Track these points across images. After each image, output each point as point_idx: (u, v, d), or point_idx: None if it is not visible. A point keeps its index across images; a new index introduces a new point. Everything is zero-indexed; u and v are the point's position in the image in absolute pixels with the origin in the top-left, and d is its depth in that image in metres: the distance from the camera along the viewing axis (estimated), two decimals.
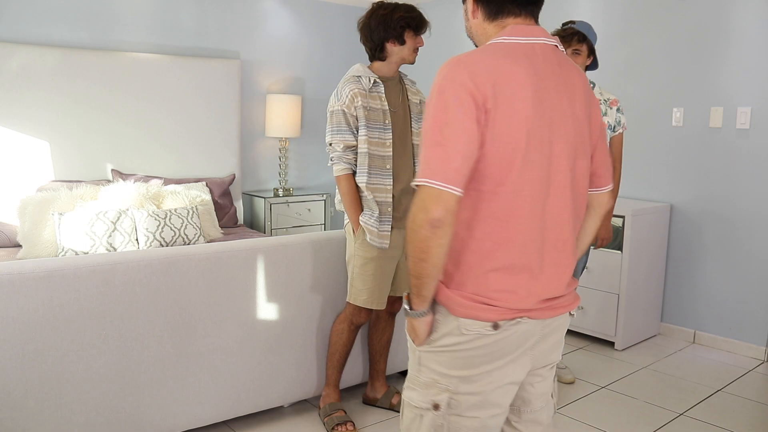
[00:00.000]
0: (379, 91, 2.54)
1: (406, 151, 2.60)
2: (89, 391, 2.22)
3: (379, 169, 2.52)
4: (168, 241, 3.54)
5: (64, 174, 3.94)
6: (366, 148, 2.49)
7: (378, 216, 2.51)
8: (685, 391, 3.19)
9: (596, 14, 4.18)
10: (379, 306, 2.59)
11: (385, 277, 2.58)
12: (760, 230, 3.57)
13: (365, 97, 2.50)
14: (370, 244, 2.52)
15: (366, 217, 2.52)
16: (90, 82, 4.00)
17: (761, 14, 3.50)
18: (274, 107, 4.82)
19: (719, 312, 3.76)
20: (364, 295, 2.57)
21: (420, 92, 2.74)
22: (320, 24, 5.18)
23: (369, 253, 2.54)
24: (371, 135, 2.50)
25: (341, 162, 2.53)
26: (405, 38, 2.52)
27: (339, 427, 2.62)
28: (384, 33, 2.50)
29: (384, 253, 2.55)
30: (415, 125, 2.65)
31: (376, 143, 2.51)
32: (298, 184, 5.24)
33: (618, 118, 3.03)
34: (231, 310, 2.51)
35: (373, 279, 2.55)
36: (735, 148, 3.63)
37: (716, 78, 3.68)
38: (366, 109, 2.49)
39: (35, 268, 2.10)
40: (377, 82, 2.54)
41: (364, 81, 2.52)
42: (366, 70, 2.56)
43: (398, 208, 2.57)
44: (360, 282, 2.57)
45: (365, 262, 2.55)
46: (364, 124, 2.49)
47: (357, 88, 2.50)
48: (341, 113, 2.50)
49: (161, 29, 4.38)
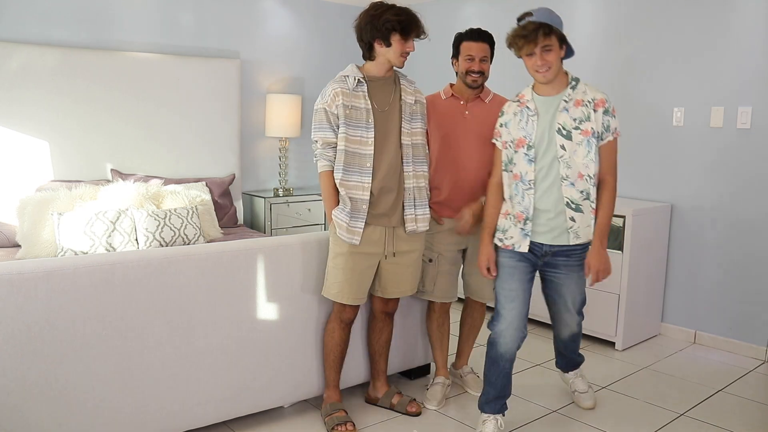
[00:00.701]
0: (362, 90, 2.56)
1: (390, 150, 2.59)
2: (89, 391, 2.21)
3: (357, 166, 2.55)
4: (168, 241, 3.54)
5: (64, 174, 3.94)
6: (344, 146, 2.54)
7: (349, 211, 2.54)
8: (686, 391, 3.18)
9: (596, 14, 4.18)
10: (351, 301, 2.61)
11: (357, 273, 2.59)
12: (760, 230, 3.56)
13: (348, 96, 2.54)
14: (340, 239, 2.55)
15: (338, 211, 2.57)
16: (90, 82, 3.99)
17: (761, 14, 3.49)
18: (274, 107, 4.81)
19: (720, 312, 3.75)
20: (334, 289, 2.60)
21: (418, 92, 2.72)
22: (320, 24, 5.18)
23: (339, 248, 2.58)
24: (352, 133, 2.54)
25: (322, 159, 2.60)
26: (391, 41, 2.51)
27: (339, 427, 2.62)
28: (371, 33, 2.52)
29: (357, 249, 2.56)
30: (406, 125, 2.63)
31: (356, 141, 2.54)
32: (298, 184, 5.24)
33: (606, 123, 2.45)
34: (231, 310, 2.50)
35: (343, 273, 2.57)
36: (736, 148, 3.63)
37: (717, 78, 3.68)
38: (347, 108, 2.53)
39: (35, 268, 2.09)
40: (361, 81, 2.56)
41: (350, 80, 2.56)
42: (354, 70, 2.59)
43: (377, 206, 2.58)
44: (331, 275, 2.61)
45: (335, 255, 2.60)
46: (344, 122, 2.53)
47: (340, 87, 2.54)
48: (323, 111, 2.56)
49: (161, 29, 4.38)
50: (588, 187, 2.48)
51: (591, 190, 2.49)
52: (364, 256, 2.59)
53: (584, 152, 2.44)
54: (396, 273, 2.68)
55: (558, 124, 2.45)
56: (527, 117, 2.50)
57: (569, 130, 2.45)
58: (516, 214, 2.54)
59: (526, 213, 2.50)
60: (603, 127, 2.47)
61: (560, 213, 2.49)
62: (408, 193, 2.63)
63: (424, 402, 2.93)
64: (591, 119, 2.45)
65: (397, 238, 2.65)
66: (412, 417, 2.81)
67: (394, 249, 2.64)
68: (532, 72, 2.44)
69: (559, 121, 2.45)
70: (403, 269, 2.69)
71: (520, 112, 2.53)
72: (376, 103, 2.59)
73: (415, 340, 3.13)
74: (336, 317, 2.68)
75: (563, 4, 4.29)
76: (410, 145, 2.64)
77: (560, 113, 2.46)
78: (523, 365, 3.43)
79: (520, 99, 2.56)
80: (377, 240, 2.60)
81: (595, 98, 2.47)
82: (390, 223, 2.62)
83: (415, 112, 2.68)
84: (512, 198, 2.56)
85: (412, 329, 3.11)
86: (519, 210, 2.53)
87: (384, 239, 2.62)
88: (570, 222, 2.49)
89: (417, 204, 2.66)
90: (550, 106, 2.48)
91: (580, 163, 2.45)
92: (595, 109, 2.46)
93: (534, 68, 2.41)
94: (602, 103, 2.47)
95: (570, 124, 2.45)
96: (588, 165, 2.46)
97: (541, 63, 2.38)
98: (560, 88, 2.48)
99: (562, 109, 2.46)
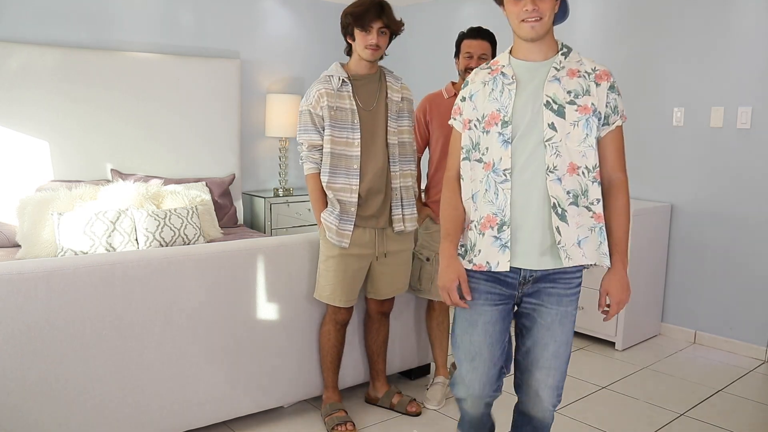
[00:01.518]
0: (347, 90, 2.55)
1: (377, 150, 2.57)
2: (89, 391, 2.21)
3: (344, 168, 2.53)
4: (168, 241, 3.54)
5: (64, 174, 3.94)
6: (329, 148, 2.52)
7: (338, 214, 2.52)
8: (686, 391, 3.18)
9: (596, 14, 4.18)
10: (343, 303, 2.60)
11: (349, 275, 2.58)
12: (761, 230, 3.56)
13: (332, 97, 2.52)
14: (330, 242, 2.54)
15: (326, 214, 2.55)
16: (90, 82, 3.99)
17: (761, 14, 3.49)
18: (274, 107, 4.81)
19: (720, 312, 3.75)
20: (326, 291, 2.60)
21: (405, 88, 2.68)
22: (320, 24, 5.18)
23: (330, 251, 2.57)
24: (338, 135, 2.52)
25: (308, 161, 2.58)
26: (354, 35, 2.52)
27: (338, 427, 2.62)
28: (342, 29, 2.56)
29: (347, 251, 2.55)
30: (392, 124, 2.60)
31: (343, 143, 2.52)
32: (298, 184, 5.24)
33: (613, 102, 1.85)
34: (231, 310, 2.50)
35: (335, 276, 2.56)
36: (736, 148, 3.63)
37: (717, 78, 3.68)
38: (332, 109, 2.51)
39: (34, 268, 2.09)
40: (345, 81, 2.55)
41: (334, 81, 2.54)
42: (338, 69, 2.57)
43: (365, 208, 2.56)
44: (323, 278, 2.60)
45: (326, 258, 2.58)
46: (329, 123, 2.51)
47: (324, 88, 2.53)
48: (308, 113, 2.55)
49: (161, 29, 4.38)
50: (582, 185, 1.82)
51: (590, 189, 1.82)
52: (355, 258, 2.58)
53: (581, 135, 1.79)
54: (388, 273, 2.67)
55: (547, 96, 1.80)
56: (502, 85, 1.84)
57: (561, 104, 1.79)
58: (485, 219, 1.83)
59: (501, 216, 1.80)
60: (609, 108, 1.84)
61: (544, 221, 1.81)
62: (395, 193, 2.61)
63: (424, 402, 2.93)
64: (592, 93, 1.82)
65: (387, 239, 2.63)
66: (412, 417, 2.81)
67: (385, 249, 2.63)
68: (516, 22, 1.80)
69: (548, 92, 1.80)
70: (395, 269, 2.69)
71: (492, 81, 1.86)
72: (361, 102, 2.56)
73: (414, 339, 3.13)
74: (331, 319, 2.68)
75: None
76: (396, 144, 2.60)
77: (550, 83, 1.81)
78: None
79: (492, 65, 1.91)
80: (367, 242, 2.59)
81: (596, 69, 1.85)
82: (378, 225, 2.60)
83: (402, 110, 2.65)
84: (476, 198, 1.86)
85: (412, 329, 3.11)
86: (490, 212, 1.82)
87: (374, 241, 2.60)
88: (556, 235, 1.79)
89: (404, 204, 2.63)
90: (535, 73, 1.84)
91: (575, 150, 1.80)
92: (598, 83, 1.83)
93: (520, 16, 1.78)
94: (606, 76, 1.84)
95: (563, 97, 1.80)
96: (586, 154, 1.81)
97: (532, 8, 1.75)
98: (548, 53, 1.85)
99: (552, 78, 1.81)
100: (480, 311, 1.88)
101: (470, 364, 1.89)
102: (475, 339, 1.88)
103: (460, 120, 1.95)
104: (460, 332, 1.92)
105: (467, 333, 1.89)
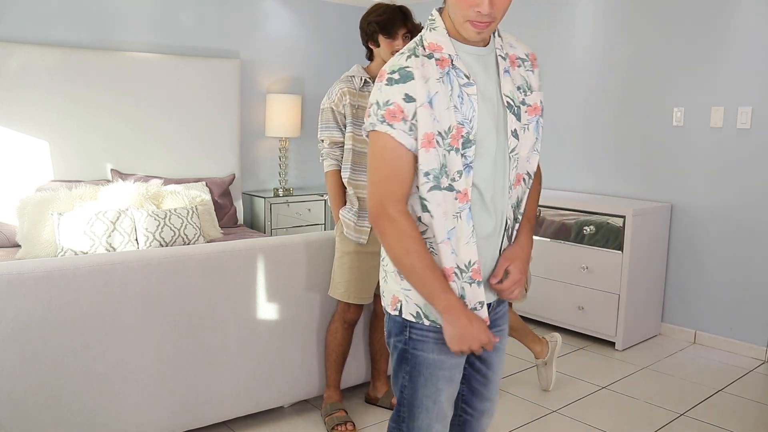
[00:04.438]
0: (369, 90, 2.60)
1: None
2: (89, 391, 2.21)
3: (363, 166, 2.56)
4: (168, 241, 3.54)
5: (64, 174, 3.94)
6: (351, 145, 2.58)
7: (356, 211, 2.57)
8: (686, 391, 3.18)
9: (596, 14, 4.18)
10: (357, 300, 2.63)
11: (363, 272, 2.60)
12: (760, 230, 3.56)
13: (354, 96, 2.58)
14: (347, 238, 2.58)
15: (345, 211, 2.61)
16: (90, 82, 3.99)
17: (761, 14, 3.49)
18: (274, 107, 4.81)
19: (720, 312, 3.75)
20: (341, 288, 2.62)
21: None
22: (320, 24, 5.18)
23: (346, 247, 2.60)
24: (359, 133, 2.57)
25: (328, 158, 2.65)
26: (379, 41, 2.57)
27: (339, 427, 2.62)
28: (364, 36, 2.62)
29: (363, 248, 2.58)
30: None
31: (364, 141, 2.56)
32: (298, 184, 5.24)
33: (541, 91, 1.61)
34: (231, 310, 2.50)
35: (350, 272, 2.60)
36: (736, 148, 3.63)
37: (717, 78, 3.68)
38: (354, 108, 2.58)
39: (34, 268, 2.09)
40: (368, 81, 2.62)
41: (356, 81, 2.61)
42: (360, 71, 2.64)
43: None
44: (338, 275, 2.63)
45: (342, 255, 2.62)
46: (351, 121, 2.58)
47: (347, 87, 2.59)
48: (330, 111, 2.61)
49: (161, 29, 4.38)
50: (520, 196, 1.57)
51: (523, 201, 1.59)
52: (370, 255, 2.60)
53: (531, 140, 1.53)
54: None
55: (506, 97, 1.49)
56: (459, 88, 1.43)
57: (518, 105, 1.51)
58: (477, 264, 1.48)
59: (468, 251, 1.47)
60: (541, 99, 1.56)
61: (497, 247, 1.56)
62: None
63: None
64: (533, 87, 1.55)
65: None
66: None
67: None
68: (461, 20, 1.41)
69: (505, 91, 1.49)
70: None
71: (446, 78, 1.42)
72: None
73: None
74: (340, 317, 2.69)
75: (565, 5, 4.29)
76: None
77: (504, 79, 1.49)
78: (521, 365, 3.42)
79: (434, 52, 1.44)
80: None
81: (527, 52, 1.58)
82: None
83: None
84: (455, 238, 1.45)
85: None
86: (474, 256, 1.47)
87: None
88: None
89: None
90: (484, 65, 1.48)
91: (523, 157, 1.53)
92: (533, 70, 1.57)
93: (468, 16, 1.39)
94: (535, 59, 1.60)
95: (516, 96, 1.50)
96: (530, 159, 1.55)
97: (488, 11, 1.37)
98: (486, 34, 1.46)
99: (503, 71, 1.50)
100: (457, 363, 1.57)
101: (437, 426, 1.58)
102: (450, 396, 1.58)
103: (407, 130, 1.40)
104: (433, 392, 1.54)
105: (442, 391, 1.55)
